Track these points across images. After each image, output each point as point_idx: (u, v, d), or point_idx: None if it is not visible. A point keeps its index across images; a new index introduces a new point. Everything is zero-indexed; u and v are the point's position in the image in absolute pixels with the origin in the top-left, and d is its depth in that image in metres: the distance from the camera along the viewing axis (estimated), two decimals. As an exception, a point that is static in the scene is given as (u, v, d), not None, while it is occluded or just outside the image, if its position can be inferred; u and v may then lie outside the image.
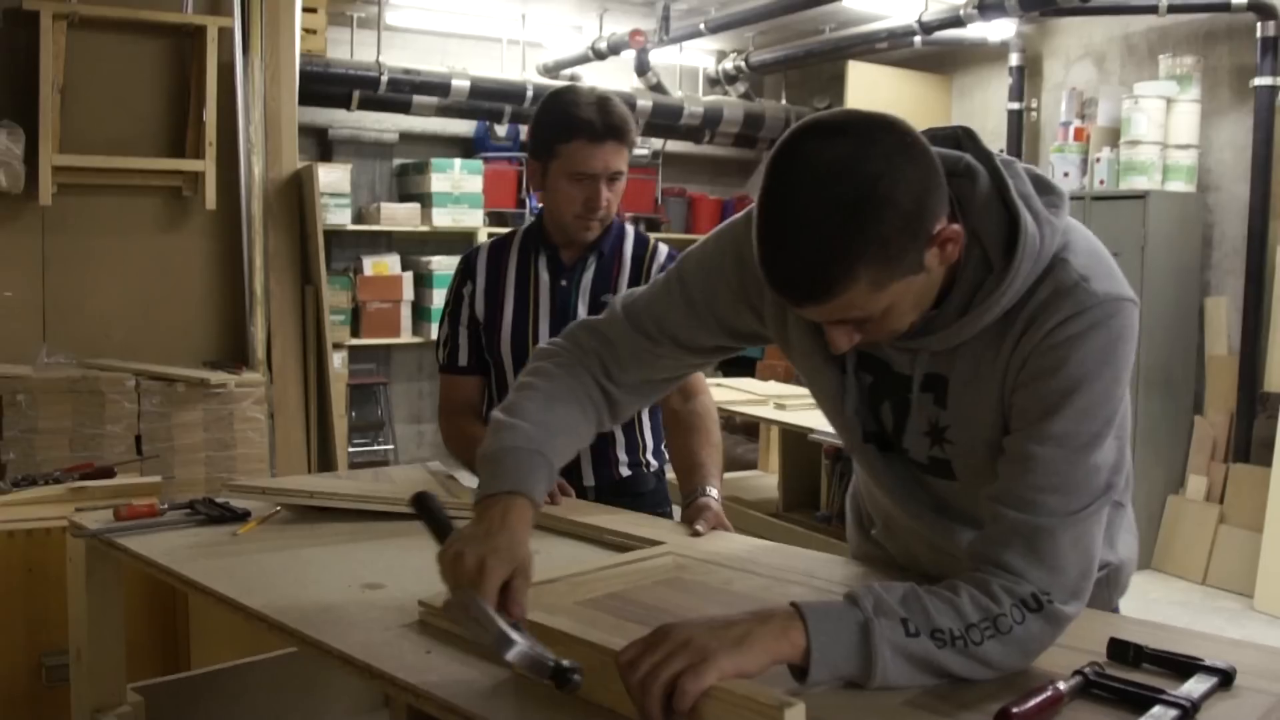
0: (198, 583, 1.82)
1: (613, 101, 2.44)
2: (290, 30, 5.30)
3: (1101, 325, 1.42)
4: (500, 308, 2.57)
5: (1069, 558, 1.40)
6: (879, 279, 1.33)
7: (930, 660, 1.33)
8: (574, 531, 2.17)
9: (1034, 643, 1.38)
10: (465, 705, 1.31)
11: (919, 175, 1.33)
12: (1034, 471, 1.41)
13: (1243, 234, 5.99)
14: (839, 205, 1.29)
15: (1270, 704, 1.31)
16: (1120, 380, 1.45)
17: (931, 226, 1.34)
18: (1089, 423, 1.42)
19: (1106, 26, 6.70)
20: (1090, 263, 1.46)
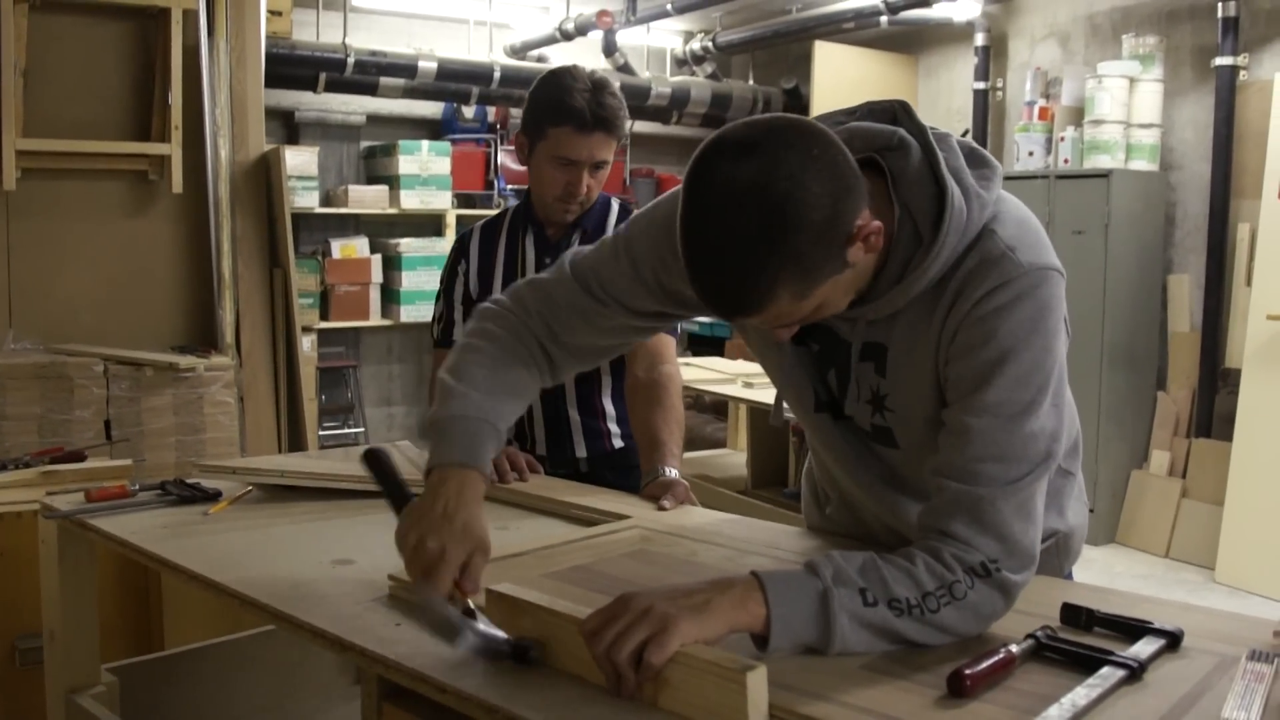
0: (170, 561, 1.84)
1: (607, 91, 2.45)
2: (255, 12, 5.27)
3: (1028, 295, 1.46)
4: (491, 285, 2.62)
5: (1014, 526, 1.43)
6: (801, 290, 1.37)
7: (888, 628, 1.37)
8: (541, 507, 2.20)
9: (986, 608, 1.42)
10: (435, 675, 1.33)
11: (828, 186, 1.34)
12: (972, 443, 1.45)
13: (1204, 212, 6.06)
14: (750, 229, 1.32)
15: (1215, 663, 1.35)
16: (1051, 349, 1.48)
17: (848, 229, 1.37)
18: (1022, 391, 1.45)
19: (1071, 6, 6.75)
20: (1018, 233, 1.49)
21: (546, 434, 2.65)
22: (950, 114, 7.51)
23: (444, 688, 1.31)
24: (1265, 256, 5.52)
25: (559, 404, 2.63)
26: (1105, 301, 5.99)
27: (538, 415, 2.65)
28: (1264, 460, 5.39)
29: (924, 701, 1.24)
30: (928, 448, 1.55)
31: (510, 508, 2.23)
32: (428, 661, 1.37)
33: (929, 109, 7.70)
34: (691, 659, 1.22)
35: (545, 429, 2.65)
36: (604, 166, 2.50)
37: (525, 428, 2.67)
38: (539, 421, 2.65)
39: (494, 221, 2.71)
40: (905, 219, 1.49)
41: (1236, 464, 5.53)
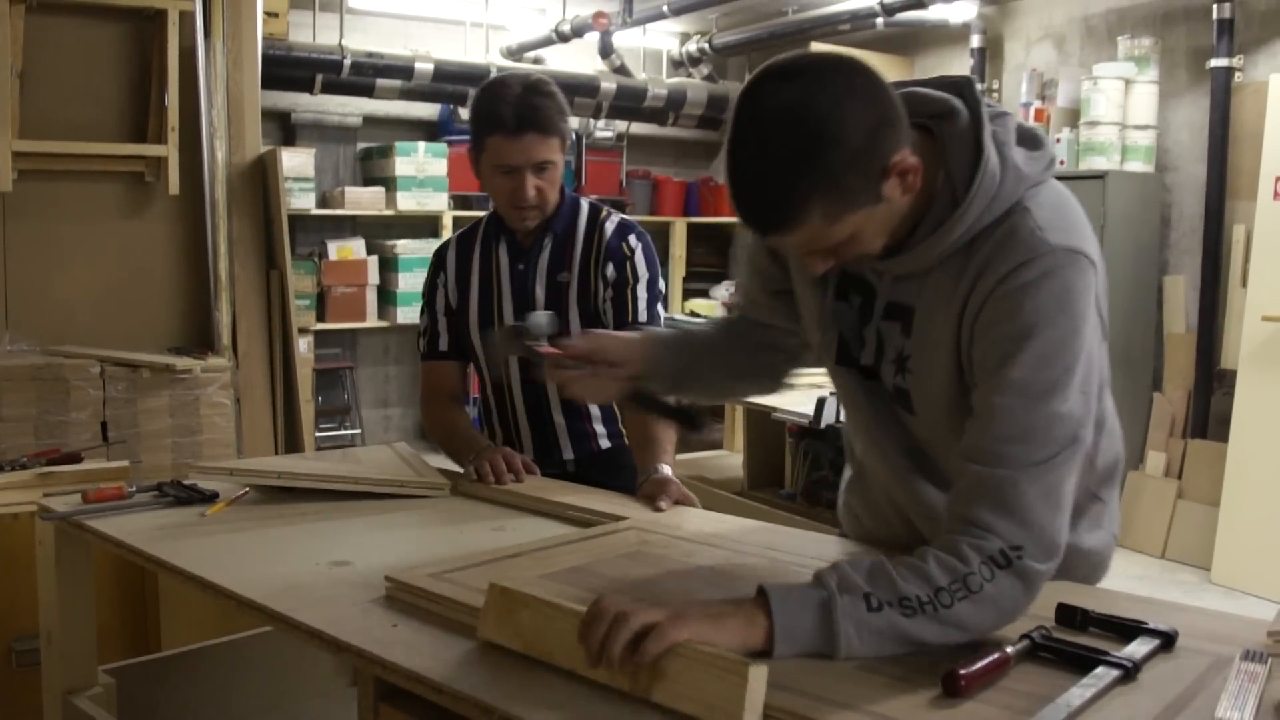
0: (167, 562, 1.84)
1: (538, 92, 2.42)
2: (252, 14, 5.27)
3: (1053, 274, 1.45)
4: (468, 295, 2.63)
5: (1038, 510, 1.40)
6: (832, 212, 1.41)
7: (898, 631, 1.35)
8: (537, 508, 2.21)
9: (1006, 600, 1.38)
10: (431, 676, 1.34)
11: (868, 113, 1.39)
12: (995, 422, 1.44)
13: (1200, 213, 6.07)
14: (789, 146, 1.38)
15: (1209, 663, 1.36)
16: (1078, 332, 1.45)
17: (885, 160, 1.41)
18: (1046, 369, 1.44)
19: (1066, 8, 6.76)
20: (1052, 216, 1.50)
21: (533, 438, 2.65)
22: (946, 115, 7.51)
23: (440, 688, 1.32)
24: (1260, 258, 5.53)
25: (543, 408, 2.63)
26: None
27: (523, 420, 2.64)
28: (1259, 461, 5.40)
29: (919, 701, 1.25)
30: (941, 421, 1.56)
31: (506, 509, 2.23)
32: (424, 662, 1.37)
33: (925, 110, 7.70)
34: (691, 651, 1.23)
35: (531, 433, 2.65)
36: (549, 167, 2.46)
37: (512, 433, 2.67)
38: (524, 426, 2.65)
39: (468, 232, 2.71)
40: (947, 182, 1.52)
41: (1232, 465, 5.53)
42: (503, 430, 2.68)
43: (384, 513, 2.19)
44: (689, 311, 8.82)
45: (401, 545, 1.99)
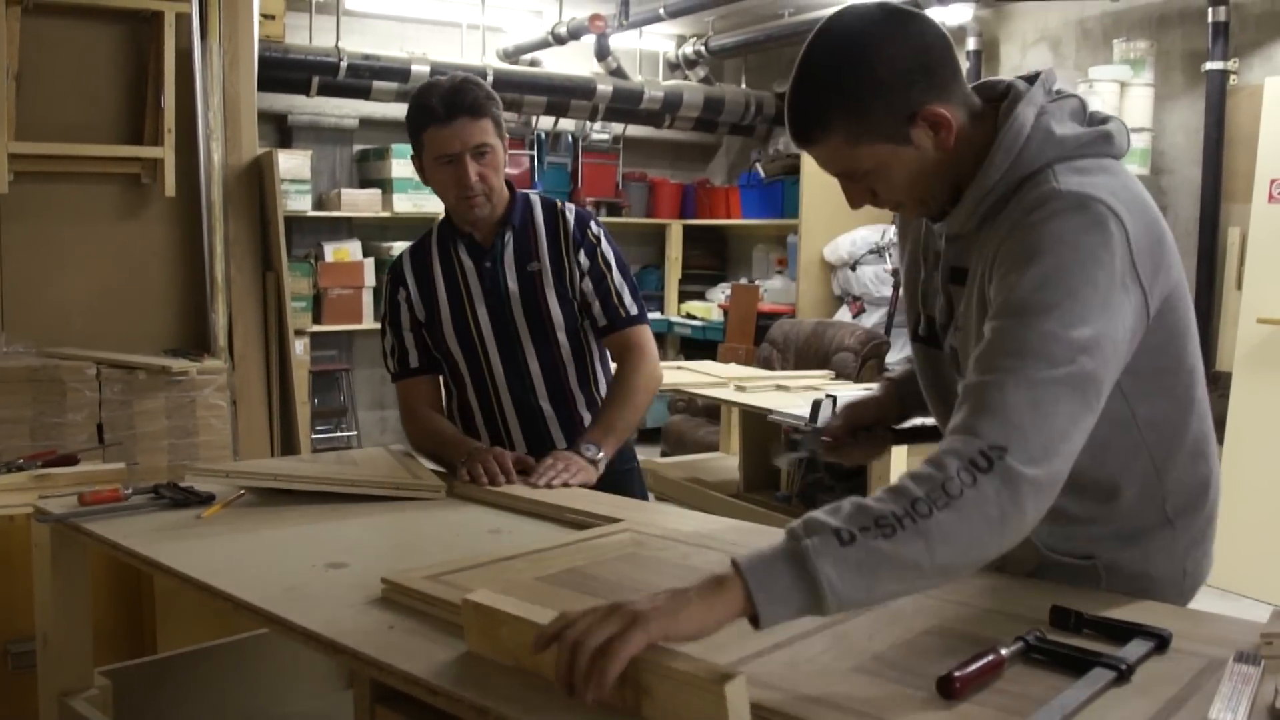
0: (163, 564, 1.84)
1: (465, 83, 2.50)
2: (248, 15, 5.27)
3: (1063, 213, 1.47)
4: (436, 305, 2.64)
5: (1023, 414, 1.35)
6: (853, 134, 1.53)
7: (881, 556, 1.26)
8: (533, 510, 2.21)
9: (991, 506, 1.30)
10: (427, 678, 1.34)
11: (907, 56, 1.51)
12: (991, 342, 1.44)
13: (1195, 216, 6.07)
14: (826, 63, 1.53)
15: (1203, 665, 1.36)
16: (1084, 264, 1.43)
17: (915, 104, 1.51)
18: (1045, 293, 1.42)
19: (1062, 11, 6.76)
20: (1081, 179, 1.51)
21: (522, 430, 2.67)
22: (942, 118, 7.52)
23: (436, 690, 1.32)
24: (1256, 260, 5.54)
25: (530, 398, 2.65)
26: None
27: (510, 413, 2.66)
28: (1254, 463, 5.41)
29: (913, 704, 1.25)
30: None
31: (502, 511, 2.24)
32: (420, 664, 1.37)
33: (921, 113, 7.71)
34: (670, 670, 1.20)
35: (520, 426, 2.67)
36: (487, 150, 2.51)
37: (500, 428, 2.68)
38: (513, 419, 2.66)
39: (420, 245, 2.73)
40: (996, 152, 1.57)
41: (1227, 467, 5.52)
42: (489, 431, 2.69)
43: (380, 515, 2.19)
44: (685, 313, 8.83)
45: (398, 547, 1.99)
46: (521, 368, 2.63)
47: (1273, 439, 5.32)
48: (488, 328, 2.62)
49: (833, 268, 7.69)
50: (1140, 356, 1.54)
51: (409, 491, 2.31)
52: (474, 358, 2.64)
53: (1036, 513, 1.35)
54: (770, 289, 8.27)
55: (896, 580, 1.29)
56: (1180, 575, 1.71)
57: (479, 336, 2.62)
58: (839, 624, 1.49)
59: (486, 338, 2.62)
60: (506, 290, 2.60)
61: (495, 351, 2.62)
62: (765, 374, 5.80)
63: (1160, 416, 1.61)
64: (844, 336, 6.20)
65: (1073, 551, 1.68)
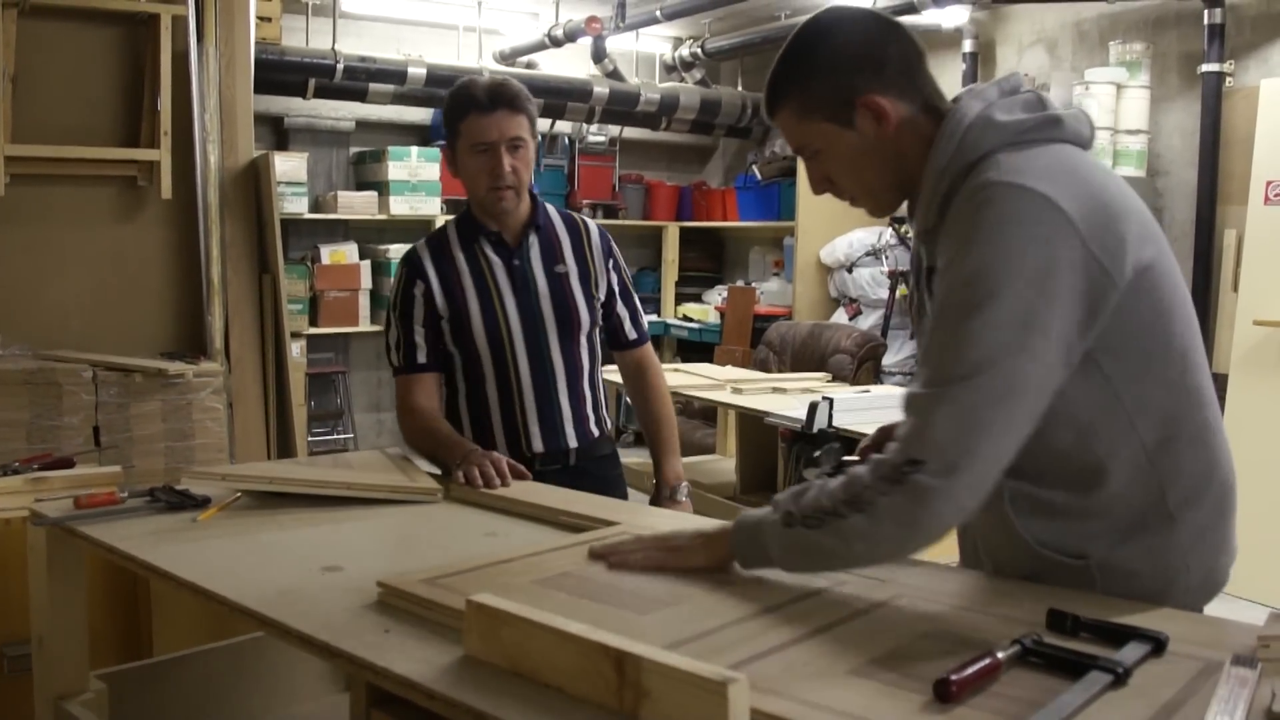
0: (159, 568, 1.84)
1: (505, 80, 2.63)
2: (245, 18, 5.27)
3: (988, 204, 1.51)
4: (463, 300, 2.65)
5: (940, 426, 1.46)
6: (802, 108, 1.69)
7: (807, 543, 1.54)
8: (530, 514, 2.21)
9: (903, 514, 1.46)
10: (423, 682, 1.33)
11: (859, 50, 1.66)
12: (926, 349, 1.54)
13: (1191, 218, 6.08)
14: (793, 43, 1.70)
15: (1199, 668, 1.36)
16: (1010, 259, 1.47)
17: (857, 89, 1.64)
18: (965, 290, 1.48)
19: (1058, 13, 6.77)
20: (1020, 164, 1.54)
21: (540, 425, 2.69)
22: (939, 120, 7.53)
23: (433, 694, 1.32)
24: (1252, 262, 5.54)
25: (551, 394, 2.69)
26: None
27: (530, 407, 2.68)
28: (1251, 465, 5.39)
29: (910, 707, 1.25)
30: None
31: (499, 514, 2.23)
32: (417, 668, 1.37)
33: (917, 115, 7.71)
34: (671, 672, 1.20)
35: (539, 421, 2.69)
36: (521, 145, 2.60)
37: (519, 422, 2.69)
38: (532, 414, 2.68)
39: (438, 239, 2.74)
40: None
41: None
42: (506, 425, 2.70)
43: (376, 518, 2.19)
44: (682, 316, 8.83)
45: (394, 550, 1.99)
46: (546, 364, 2.68)
47: (1269, 441, 5.32)
48: (516, 324, 2.66)
49: (829, 270, 7.70)
50: (1119, 336, 1.55)
51: (405, 495, 2.31)
52: (500, 352, 2.66)
53: (955, 513, 1.49)
54: (767, 291, 8.27)
55: (819, 563, 1.59)
56: (1182, 571, 1.67)
57: (507, 331, 2.66)
58: (837, 627, 1.50)
59: (515, 333, 2.66)
60: (536, 289, 2.68)
61: (522, 347, 2.67)
62: (762, 376, 5.80)
63: (1152, 402, 1.60)
64: (841, 339, 6.20)
65: (1065, 550, 1.65)
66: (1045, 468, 1.61)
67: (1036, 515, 1.64)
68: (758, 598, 1.61)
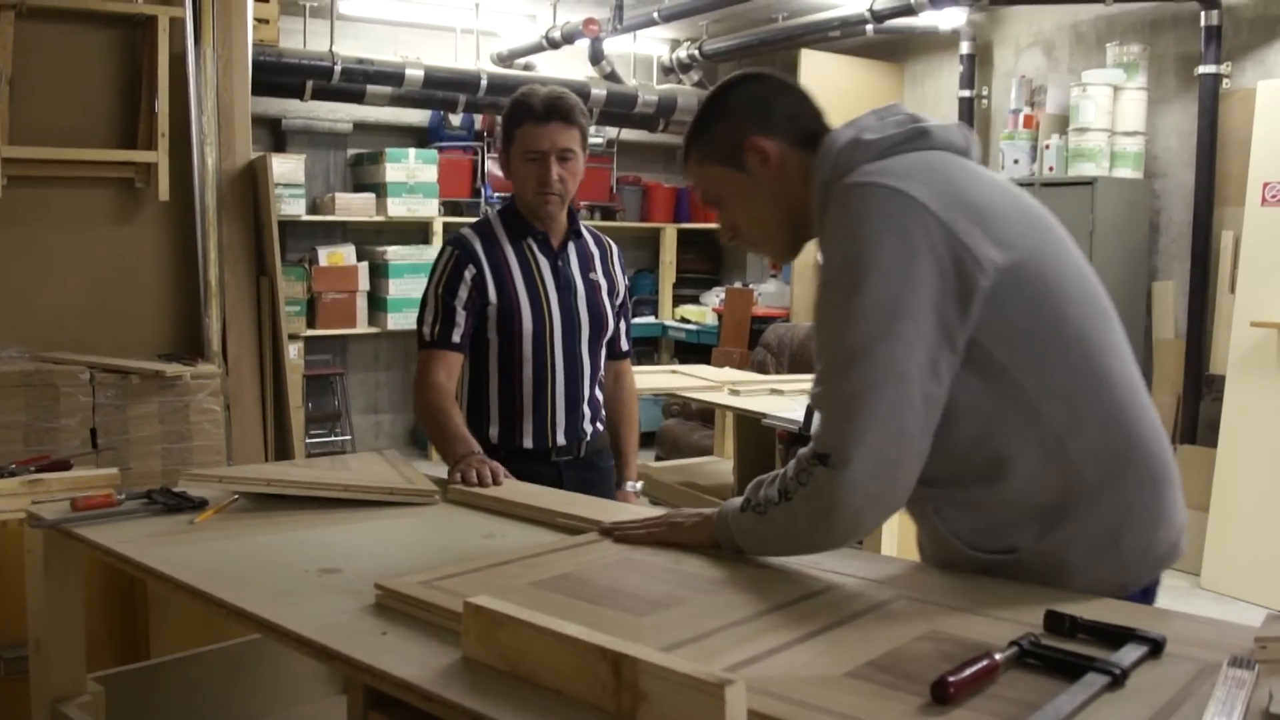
0: (156, 570, 1.84)
1: (562, 93, 2.74)
2: (242, 20, 5.26)
3: (847, 204, 1.63)
4: (513, 292, 2.77)
5: (829, 419, 1.57)
6: (701, 154, 1.86)
7: (752, 529, 1.73)
8: (527, 515, 2.21)
9: (811, 506, 1.59)
10: (421, 684, 1.33)
11: (749, 97, 1.84)
12: (814, 351, 1.65)
13: (1188, 220, 6.09)
14: (700, 106, 1.90)
15: (1197, 670, 1.36)
16: (868, 250, 1.57)
17: (747, 133, 1.80)
18: (834, 288, 1.60)
19: (1055, 15, 6.78)
20: (873, 168, 1.65)
21: (566, 416, 2.83)
22: (936, 122, 7.53)
23: (430, 696, 1.31)
24: (1249, 263, 5.55)
25: (578, 389, 2.85)
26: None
27: (560, 399, 2.80)
28: (1248, 466, 5.41)
29: (908, 709, 1.25)
30: None
31: (496, 517, 2.23)
32: (414, 670, 1.37)
33: (915, 117, 7.71)
34: (669, 674, 1.20)
35: (566, 412, 2.82)
36: (571, 156, 2.74)
37: (548, 413, 2.80)
38: (560, 405, 2.81)
39: (486, 230, 2.83)
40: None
41: (1221, 470, 5.55)
42: (535, 413, 2.80)
43: (374, 520, 2.19)
44: (679, 317, 8.83)
45: (391, 552, 1.99)
46: (578, 362, 2.84)
47: (1266, 442, 5.33)
48: (558, 321, 2.80)
49: (827, 271, 7.68)
50: (1004, 324, 1.60)
51: (403, 497, 2.31)
52: (540, 346, 2.79)
53: (867, 501, 1.56)
54: (764, 293, 8.28)
55: (763, 547, 1.76)
56: (1111, 548, 1.65)
57: (550, 327, 2.79)
58: (834, 629, 1.50)
59: (556, 329, 2.80)
60: (576, 291, 2.84)
61: (560, 344, 2.81)
62: (759, 378, 5.80)
63: (1056, 387, 1.63)
64: (838, 340, 6.19)
65: (995, 546, 1.69)
66: (959, 467, 1.66)
67: (961, 517, 1.72)
68: (755, 600, 1.61)
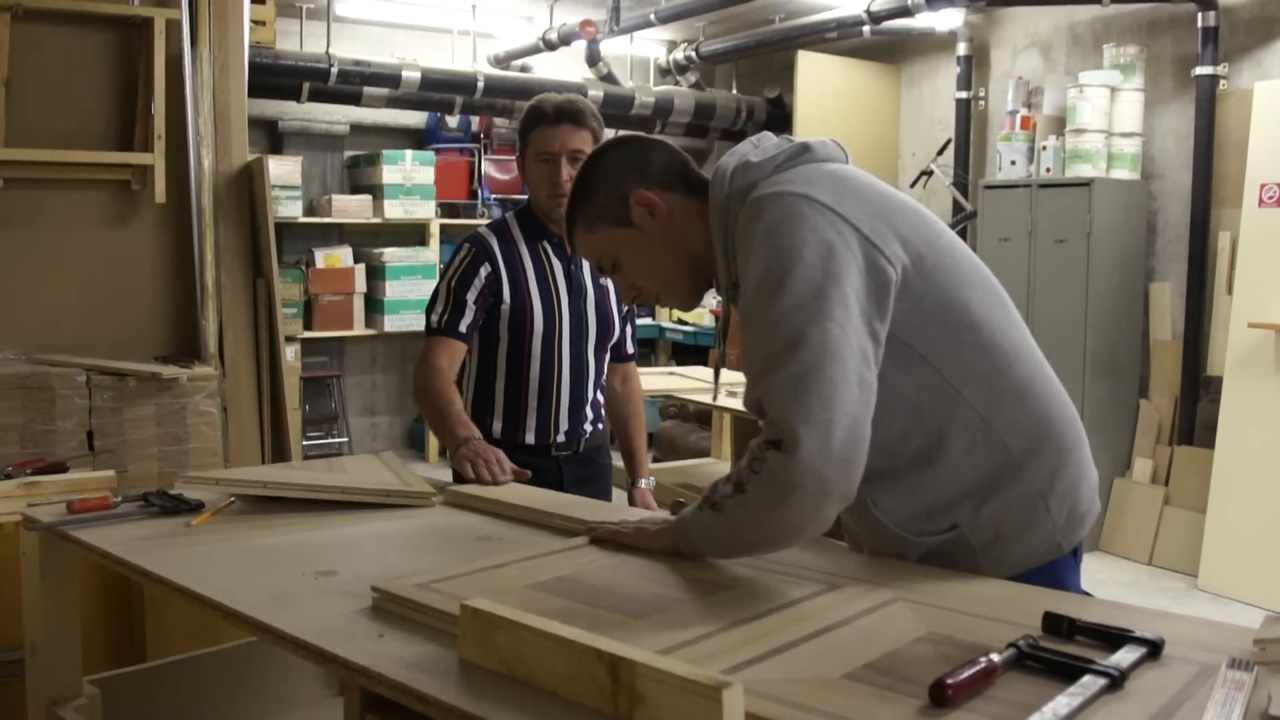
0: (152, 573, 1.83)
1: (575, 98, 2.83)
2: (239, 22, 5.26)
3: (759, 215, 1.70)
4: (527, 292, 2.83)
5: (775, 407, 1.59)
6: (588, 222, 1.92)
7: (709, 526, 1.71)
8: (524, 517, 2.20)
9: (765, 495, 1.59)
10: (418, 687, 1.33)
11: (623, 158, 1.92)
12: (744, 353, 1.68)
13: (1185, 221, 6.09)
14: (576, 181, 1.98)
15: (1196, 671, 1.36)
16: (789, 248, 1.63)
17: (627, 189, 1.87)
18: (760, 291, 1.64)
19: (1052, 16, 6.78)
20: (781, 179, 1.72)
21: (570, 416, 2.90)
22: (933, 123, 7.54)
23: (427, 699, 1.31)
24: (1246, 264, 5.55)
25: (582, 389, 2.91)
26: (1087, 310, 6.02)
27: (564, 398, 2.87)
28: (1246, 467, 5.42)
29: (906, 711, 1.25)
30: None
31: (493, 518, 2.23)
32: (411, 673, 1.37)
33: (911, 118, 7.73)
34: (667, 676, 1.20)
35: (570, 412, 2.90)
36: (582, 158, 2.68)
37: (552, 410, 2.87)
38: (565, 404, 2.88)
39: (502, 230, 2.90)
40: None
41: (1219, 471, 5.55)
42: (540, 411, 2.87)
43: (371, 522, 2.19)
44: (676, 319, 8.83)
45: (388, 555, 1.98)
46: (583, 363, 2.91)
47: (1264, 443, 5.33)
48: (567, 323, 2.88)
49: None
50: (918, 316, 1.69)
51: (399, 499, 2.31)
52: (550, 346, 2.86)
53: (819, 485, 1.56)
54: (762, 294, 8.26)
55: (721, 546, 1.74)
56: (1044, 513, 1.76)
57: (559, 328, 2.86)
58: (832, 631, 1.49)
59: (565, 331, 2.87)
60: (586, 295, 2.91)
61: (568, 345, 2.88)
62: (757, 379, 5.78)
63: (972, 368, 1.72)
64: (835, 342, 6.19)
65: (937, 528, 1.77)
66: (893, 458, 1.73)
67: (900, 506, 1.77)
68: (753, 602, 1.61)
